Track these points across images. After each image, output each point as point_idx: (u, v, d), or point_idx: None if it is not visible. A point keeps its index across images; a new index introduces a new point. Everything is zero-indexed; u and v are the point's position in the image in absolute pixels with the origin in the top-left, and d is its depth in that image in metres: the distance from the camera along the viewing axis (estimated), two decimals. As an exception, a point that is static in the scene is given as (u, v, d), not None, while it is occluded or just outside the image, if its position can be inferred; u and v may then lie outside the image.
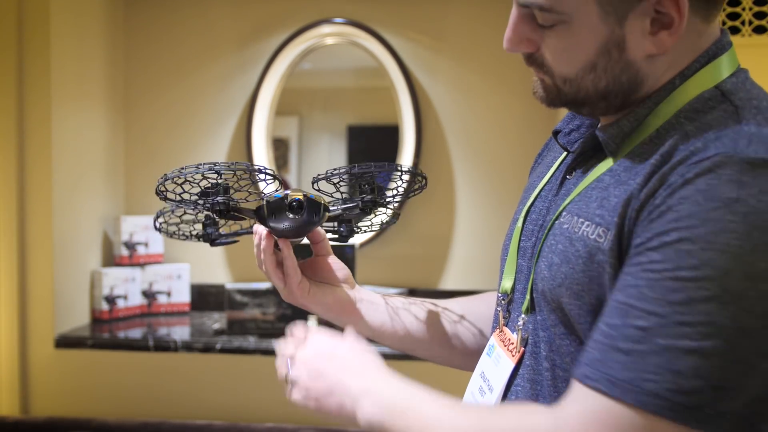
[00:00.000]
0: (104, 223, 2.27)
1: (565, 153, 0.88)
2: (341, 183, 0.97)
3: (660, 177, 0.67)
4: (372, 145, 2.40)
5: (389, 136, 2.28)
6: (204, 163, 0.89)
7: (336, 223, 0.99)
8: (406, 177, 0.98)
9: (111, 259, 2.29)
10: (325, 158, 2.41)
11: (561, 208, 0.79)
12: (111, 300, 2.18)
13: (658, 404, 0.62)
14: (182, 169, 0.90)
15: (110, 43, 2.31)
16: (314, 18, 2.25)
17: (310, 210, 0.90)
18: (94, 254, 2.23)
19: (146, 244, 2.26)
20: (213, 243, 0.95)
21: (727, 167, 0.63)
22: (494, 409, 0.75)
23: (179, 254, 2.34)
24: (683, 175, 0.65)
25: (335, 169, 0.94)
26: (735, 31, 1.75)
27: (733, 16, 1.74)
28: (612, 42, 0.72)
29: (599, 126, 0.81)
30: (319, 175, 0.95)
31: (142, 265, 2.25)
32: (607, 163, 0.76)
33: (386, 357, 0.89)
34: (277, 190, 0.92)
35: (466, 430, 0.71)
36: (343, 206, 0.97)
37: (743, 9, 1.73)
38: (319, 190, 0.95)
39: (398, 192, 1.01)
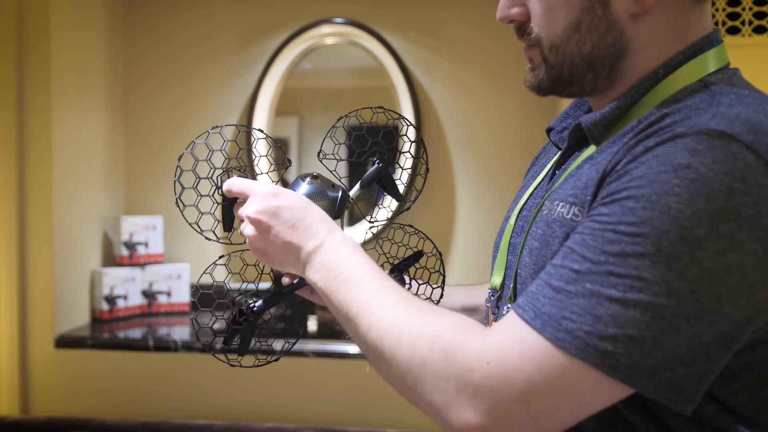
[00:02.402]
0: (104, 223, 2.27)
1: (558, 153, 0.89)
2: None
3: (627, 148, 0.69)
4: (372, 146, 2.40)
5: (389, 136, 2.27)
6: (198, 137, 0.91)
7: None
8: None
9: (111, 259, 2.29)
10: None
11: (543, 198, 0.81)
12: (111, 300, 2.18)
13: (572, 343, 0.64)
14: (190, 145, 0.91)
15: (110, 43, 2.31)
16: (314, 18, 2.25)
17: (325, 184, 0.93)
18: (94, 254, 2.23)
19: (146, 244, 2.26)
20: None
21: (686, 137, 0.65)
22: (438, 313, 0.74)
23: (179, 254, 2.34)
24: (645, 145, 0.67)
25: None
26: (735, 31, 1.75)
27: (733, 16, 1.73)
28: None
29: (584, 115, 0.82)
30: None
31: (142, 265, 2.25)
32: (589, 151, 0.78)
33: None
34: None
35: (403, 323, 0.73)
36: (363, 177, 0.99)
37: (743, 9, 1.73)
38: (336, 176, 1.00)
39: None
